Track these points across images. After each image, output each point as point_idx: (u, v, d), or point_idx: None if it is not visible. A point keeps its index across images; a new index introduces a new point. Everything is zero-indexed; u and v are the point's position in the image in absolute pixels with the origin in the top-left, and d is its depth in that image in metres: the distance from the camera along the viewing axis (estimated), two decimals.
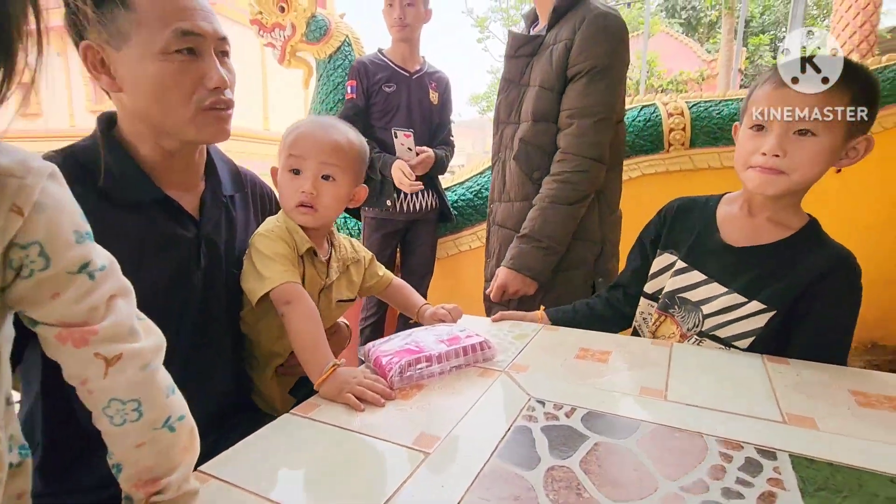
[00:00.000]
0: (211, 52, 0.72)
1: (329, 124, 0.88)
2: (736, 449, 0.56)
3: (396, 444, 0.59)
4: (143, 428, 0.44)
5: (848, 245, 2.43)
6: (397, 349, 0.78)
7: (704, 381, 0.74)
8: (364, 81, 1.91)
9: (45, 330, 0.40)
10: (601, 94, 1.23)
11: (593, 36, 1.21)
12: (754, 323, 0.84)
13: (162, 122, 0.73)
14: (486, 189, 2.33)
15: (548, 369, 0.79)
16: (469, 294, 2.44)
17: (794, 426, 0.60)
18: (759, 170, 0.80)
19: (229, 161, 0.91)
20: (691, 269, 0.92)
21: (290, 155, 0.84)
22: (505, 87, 1.43)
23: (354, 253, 0.99)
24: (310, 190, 0.83)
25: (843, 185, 2.23)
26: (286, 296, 0.78)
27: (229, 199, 0.87)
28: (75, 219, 0.40)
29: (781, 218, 0.86)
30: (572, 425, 0.61)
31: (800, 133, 0.77)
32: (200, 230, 0.79)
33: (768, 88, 0.81)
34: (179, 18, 0.68)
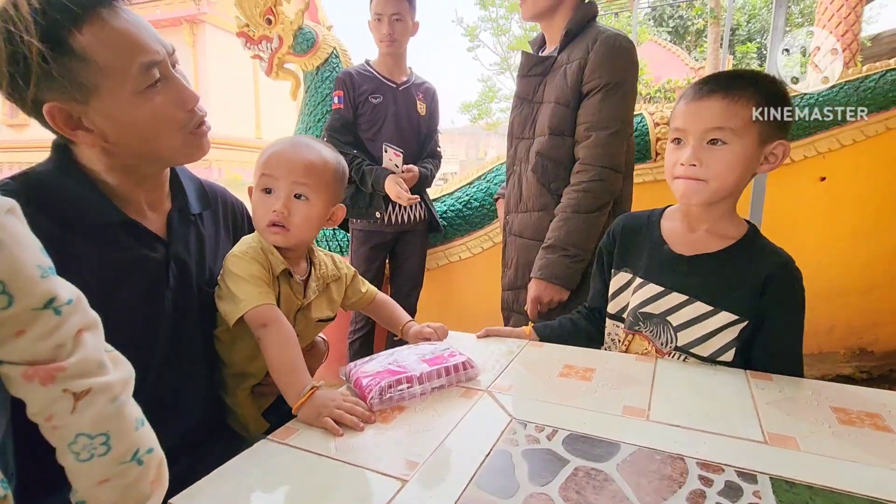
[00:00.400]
0: (172, 72, 0.71)
1: (304, 143, 0.86)
2: (716, 472, 0.55)
3: (374, 471, 0.58)
4: (109, 463, 0.42)
5: (833, 251, 2.45)
6: (378, 370, 0.77)
7: (687, 399, 0.73)
8: (350, 92, 1.91)
9: (9, 369, 0.39)
10: (616, 108, 1.30)
11: (606, 55, 1.29)
12: (728, 335, 0.85)
13: (152, 154, 0.72)
14: (475, 200, 2.33)
15: (531, 388, 0.78)
16: (459, 305, 2.43)
17: (776, 446, 0.60)
18: (683, 179, 0.85)
19: (195, 178, 0.89)
20: (648, 283, 0.93)
21: (262, 174, 0.83)
22: (518, 104, 1.51)
23: (336, 270, 0.97)
24: (281, 209, 0.82)
25: (828, 192, 2.26)
26: (262, 319, 0.76)
27: (197, 216, 0.85)
28: (37, 254, 0.39)
29: (719, 229, 0.90)
30: (553, 448, 0.60)
31: (711, 143, 0.82)
32: (169, 250, 0.77)
33: (682, 104, 0.86)
34: (136, 52, 0.66)
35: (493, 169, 2.38)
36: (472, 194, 2.35)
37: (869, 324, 2.38)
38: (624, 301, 0.98)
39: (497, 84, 12.48)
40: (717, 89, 0.82)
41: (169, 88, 0.70)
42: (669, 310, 0.90)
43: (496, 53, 10.49)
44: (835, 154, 2.20)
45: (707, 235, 0.90)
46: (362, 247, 1.98)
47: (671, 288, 0.90)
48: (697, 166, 0.82)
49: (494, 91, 11.15)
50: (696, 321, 0.87)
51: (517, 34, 10.02)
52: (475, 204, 2.33)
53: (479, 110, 11.24)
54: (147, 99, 0.67)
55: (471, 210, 2.33)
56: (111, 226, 0.71)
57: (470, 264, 2.37)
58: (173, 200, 0.83)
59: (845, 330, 2.39)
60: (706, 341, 0.86)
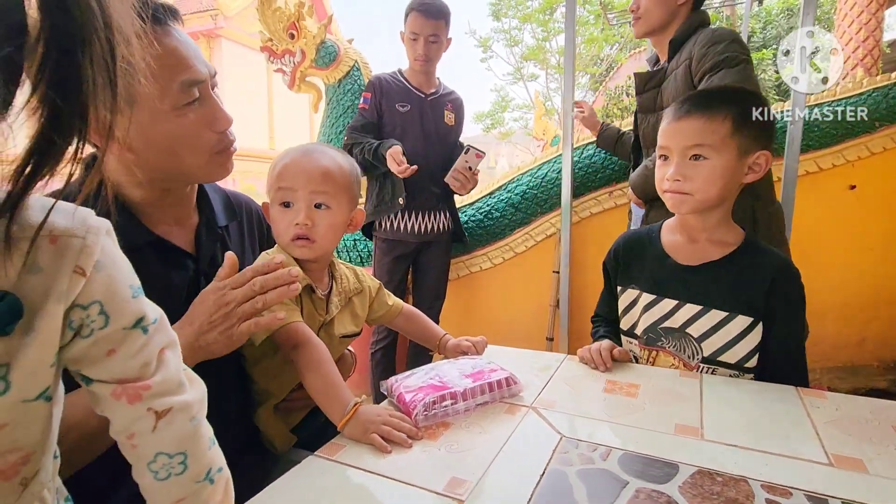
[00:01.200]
0: (210, 93, 0.72)
1: (315, 150, 0.84)
2: (784, 496, 0.53)
3: (427, 489, 0.57)
4: (186, 482, 0.42)
5: (863, 261, 2.40)
6: (421, 385, 0.76)
7: (739, 417, 0.71)
8: (378, 97, 1.91)
9: (100, 388, 0.39)
10: (740, 75, 1.26)
11: (708, 42, 1.31)
12: (752, 339, 0.86)
13: (175, 170, 0.72)
14: (495, 210, 2.32)
15: (576, 405, 0.76)
16: (480, 316, 2.42)
17: (842, 469, 0.58)
18: (670, 193, 0.89)
19: (221, 189, 0.89)
20: (661, 298, 0.94)
21: (279, 188, 0.81)
22: (643, 117, 1.57)
23: (358, 284, 0.95)
24: (304, 221, 0.79)
25: (858, 200, 2.21)
26: (293, 339, 0.75)
27: (224, 229, 0.85)
28: (129, 273, 0.40)
29: (718, 236, 0.92)
30: (609, 469, 0.59)
31: (693, 158, 0.86)
32: (198, 265, 0.77)
33: (665, 124, 0.91)
34: (181, 70, 0.67)
35: (515, 179, 2.38)
36: (492, 204, 2.35)
37: None
38: (634, 318, 0.98)
39: (510, 94, 12.52)
40: (695, 109, 0.86)
41: (205, 109, 0.71)
42: (687, 322, 0.90)
43: (509, 63, 10.53)
44: (864, 162, 2.16)
45: (708, 244, 0.92)
46: (385, 257, 1.97)
47: (684, 300, 0.91)
48: (682, 181, 0.87)
49: (507, 100, 11.18)
50: (715, 329, 0.88)
51: (530, 44, 10.05)
52: (496, 214, 2.32)
53: (492, 120, 11.26)
54: (182, 115, 0.68)
55: (491, 220, 2.32)
56: (141, 245, 0.71)
57: (491, 275, 2.36)
58: (200, 214, 0.82)
59: (877, 342, 2.33)
60: (731, 348, 0.87)
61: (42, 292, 0.33)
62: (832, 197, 2.21)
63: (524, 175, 2.38)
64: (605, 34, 9.05)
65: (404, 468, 0.61)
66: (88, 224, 0.36)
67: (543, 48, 9.82)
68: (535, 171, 2.36)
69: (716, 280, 0.89)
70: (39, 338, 0.33)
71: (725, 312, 0.87)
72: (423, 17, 1.80)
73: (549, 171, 2.32)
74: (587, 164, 2.23)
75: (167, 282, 0.73)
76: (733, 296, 0.88)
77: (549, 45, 9.74)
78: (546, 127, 6.55)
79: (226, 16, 10.90)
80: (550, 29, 9.46)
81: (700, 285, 0.90)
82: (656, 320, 0.94)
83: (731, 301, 0.87)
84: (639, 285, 0.98)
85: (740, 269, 0.89)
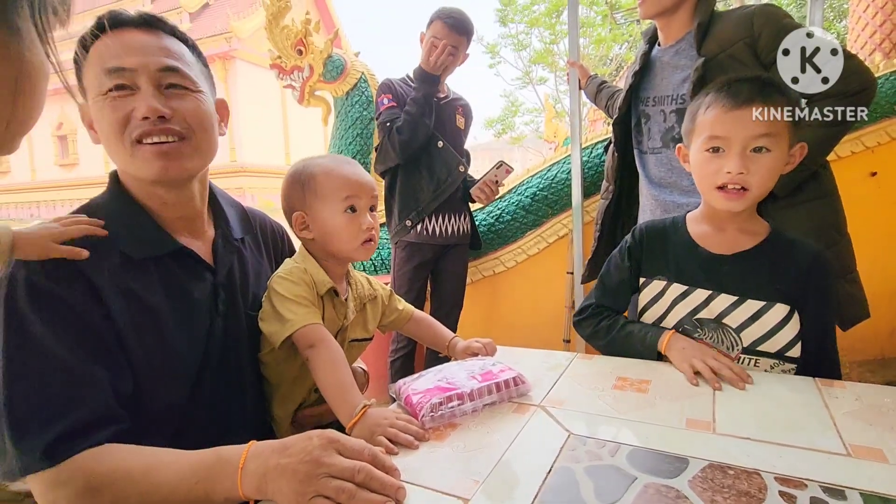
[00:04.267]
0: (148, 85, 0.70)
1: (353, 161, 0.90)
2: (798, 488, 0.52)
3: (433, 489, 0.56)
4: None
5: (887, 250, 2.33)
6: (428, 387, 0.77)
7: (754, 410, 0.69)
8: (395, 98, 1.89)
9: None
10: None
11: (771, 19, 1.25)
12: (793, 328, 0.84)
13: (115, 162, 0.73)
14: (506, 213, 2.32)
15: (586, 402, 0.76)
16: (495, 320, 2.41)
17: (861, 459, 0.56)
18: (727, 189, 0.85)
19: (236, 204, 0.91)
20: (694, 289, 0.91)
21: (347, 196, 0.85)
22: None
23: (371, 290, 0.98)
24: (371, 223, 0.86)
25: (881, 187, 2.14)
26: (310, 339, 0.77)
27: (240, 241, 0.87)
28: None
29: (748, 227, 0.91)
30: (618, 464, 0.58)
31: (755, 150, 0.83)
32: (216, 277, 0.79)
33: (718, 112, 0.85)
34: (111, 57, 0.68)
35: (524, 181, 2.38)
36: (503, 208, 2.34)
37: None
38: (660, 310, 0.96)
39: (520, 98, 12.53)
40: (753, 96, 0.82)
41: (131, 100, 0.69)
42: (723, 312, 0.88)
43: (517, 68, 10.56)
44: (885, 147, 2.10)
45: (738, 234, 0.90)
46: (406, 265, 1.96)
47: (717, 289, 0.88)
48: (745, 174, 0.82)
49: (517, 105, 11.19)
50: (753, 319, 0.86)
51: (537, 48, 10.07)
52: (507, 218, 2.32)
53: (503, 125, 11.28)
54: (106, 100, 0.69)
55: (502, 224, 2.32)
56: (163, 256, 0.73)
57: (505, 278, 2.35)
58: (216, 227, 0.84)
59: None
60: (772, 337, 0.85)
61: None
62: (853, 185, 2.13)
63: (534, 177, 2.37)
64: (613, 34, 9.01)
65: (411, 469, 0.61)
66: None
67: (551, 51, 9.82)
68: (545, 172, 2.35)
69: (751, 269, 0.88)
70: None
71: (762, 302, 0.85)
72: (447, 29, 1.80)
73: (558, 172, 2.31)
74: (597, 164, 2.21)
75: (189, 292, 0.75)
76: (768, 285, 0.86)
77: (556, 47, 9.74)
78: (557, 129, 6.54)
79: (239, 38, 11.21)
80: (557, 32, 9.46)
81: (734, 275, 0.88)
82: (690, 311, 0.91)
83: (768, 290, 0.86)
84: (666, 276, 0.95)
85: (775, 258, 0.87)
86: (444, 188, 1.92)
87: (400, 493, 0.55)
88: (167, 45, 0.73)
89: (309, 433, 0.58)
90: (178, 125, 0.71)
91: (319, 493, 0.53)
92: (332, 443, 0.56)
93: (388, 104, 1.88)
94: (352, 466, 0.55)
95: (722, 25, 1.31)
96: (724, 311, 0.88)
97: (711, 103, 0.86)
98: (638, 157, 1.60)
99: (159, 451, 0.60)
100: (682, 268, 0.93)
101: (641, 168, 1.58)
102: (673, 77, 1.43)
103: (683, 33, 1.40)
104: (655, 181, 1.51)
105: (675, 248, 0.95)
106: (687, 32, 1.38)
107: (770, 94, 0.82)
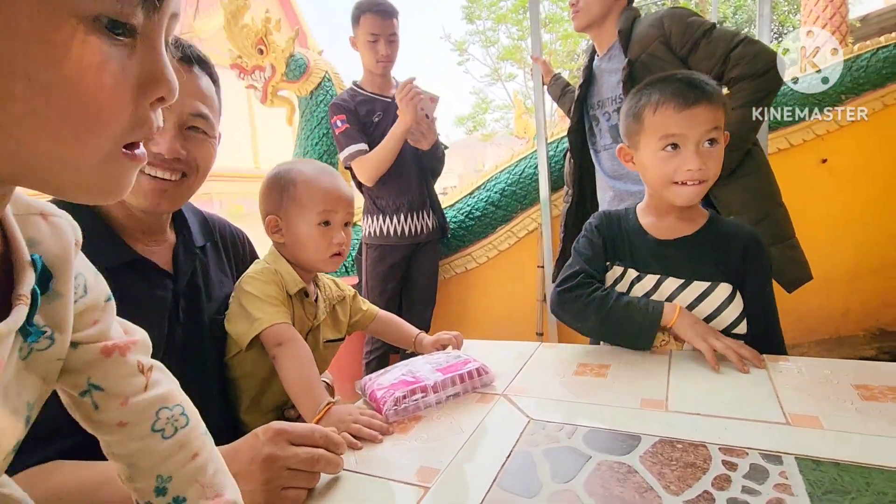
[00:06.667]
0: (172, 125, 0.71)
1: (333, 172, 0.91)
2: (740, 456, 0.54)
3: (396, 480, 0.57)
4: (194, 433, 0.44)
5: (839, 235, 2.45)
6: (393, 381, 0.77)
7: (705, 388, 0.73)
8: (353, 117, 1.87)
9: (89, 350, 0.39)
10: (726, 32, 1.37)
11: (677, 17, 1.40)
12: (737, 306, 0.89)
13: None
14: (476, 210, 2.34)
15: (547, 389, 0.78)
16: (469, 316, 2.43)
17: (799, 427, 0.59)
18: (688, 184, 0.88)
19: (197, 210, 0.90)
20: (646, 273, 0.95)
21: (324, 210, 0.86)
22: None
23: (339, 291, 0.99)
24: (343, 239, 0.87)
25: (832, 174, 2.25)
26: (278, 337, 0.77)
27: (201, 249, 0.85)
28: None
29: (688, 215, 0.96)
30: (574, 446, 0.60)
31: (709, 143, 0.88)
32: (177, 285, 0.77)
33: (671, 112, 0.88)
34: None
35: (493, 177, 2.40)
36: (472, 204, 2.36)
37: (885, 303, 2.34)
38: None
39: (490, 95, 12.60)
40: (700, 95, 0.87)
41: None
42: (673, 294, 0.92)
43: (486, 65, 10.62)
44: (834, 135, 2.20)
45: (679, 221, 0.96)
46: (378, 265, 1.95)
47: (666, 273, 0.93)
48: (703, 169, 0.87)
49: (487, 102, 11.25)
50: (700, 299, 0.90)
51: (506, 44, 10.14)
52: (477, 214, 2.34)
53: (473, 122, 11.33)
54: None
55: (473, 220, 2.34)
56: (121, 266, 0.71)
57: (477, 274, 2.37)
58: (177, 234, 0.83)
59: (861, 312, 2.36)
60: (718, 316, 0.89)
61: (61, 260, 0.36)
62: (805, 172, 2.24)
63: (502, 172, 2.40)
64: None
65: (374, 462, 0.62)
66: (64, 211, 0.39)
67: (520, 47, 9.90)
68: (513, 167, 2.38)
69: (693, 253, 0.92)
70: (65, 300, 0.36)
71: (708, 282, 0.90)
72: (381, 18, 1.81)
73: (526, 167, 2.34)
74: (563, 158, 2.25)
75: (149, 301, 0.73)
76: (711, 266, 0.91)
77: (524, 44, 9.82)
78: (527, 125, 6.60)
79: (200, 38, 10.91)
80: (525, 28, 9.54)
81: (677, 259, 0.93)
82: (644, 295, 0.94)
83: (711, 271, 0.91)
84: (623, 262, 0.99)
85: (713, 241, 0.93)
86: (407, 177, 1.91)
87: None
88: (203, 86, 0.74)
89: (255, 430, 0.58)
90: (186, 165, 0.73)
91: (284, 486, 0.54)
92: (281, 434, 0.56)
93: (343, 126, 1.87)
94: (309, 457, 0.56)
95: (640, 29, 1.46)
96: (673, 293, 0.92)
97: (661, 104, 0.89)
98: (594, 155, 1.72)
99: (110, 466, 0.59)
100: (634, 254, 0.97)
101: (598, 165, 1.70)
102: (610, 80, 1.56)
103: (613, 40, 1.54)
104: (611, 174, 1.64)
105: (628, 235, 0.99)
106: (616, 40, 1.52)
107: (708, 90, 0.88)
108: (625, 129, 0.97)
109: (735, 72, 1.35)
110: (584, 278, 0.95)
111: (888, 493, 0.46)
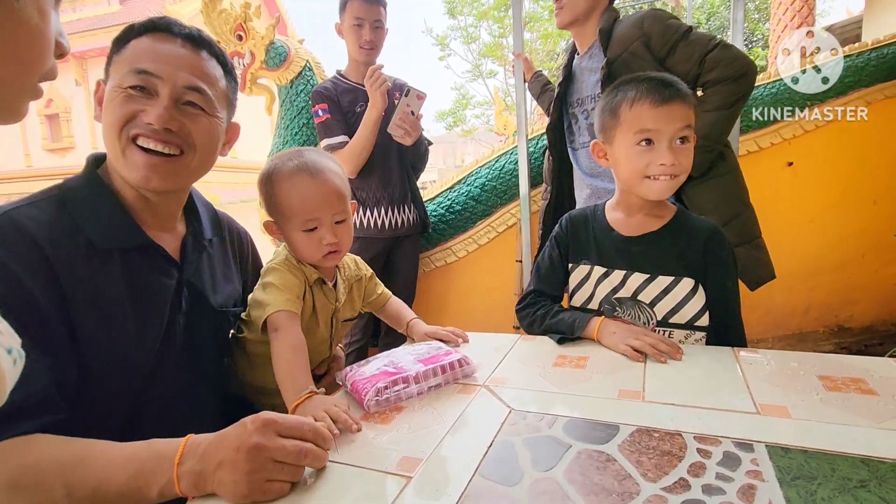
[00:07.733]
0: (167, 97, 0.70)
1: (319, 168, 0.86)
2: (714, 444, 0.56)
3: (378, 470, 0.57)
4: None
5: (802, 232, 2.55)
6: (374, 372, 0.77)
7: (680, 378, 0.75)
8: (336, 107, 1.85)
9: None
10: (703, 36, 1.41)
11: (658, 18, 1.43)
12: (699, 299, 0.92)
13: (108, 153, 0.73)
14: (456, 204, 2.34)
15: (527, 380, 0.79)
16: (448, 309, 2.43)
17: (768, 416, 0.62)
18: (661, 178, 0.90)
19: (208, 204, 0.90)
20: (612, 270, 0.98)
21: (306, 219, 0.84)
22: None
23: (357, 270, 1.02)
24: (332, 240, 0.85)
25: (797, 176, 2.33)
26: (275, 323, 0.79)
27: (208, 241, 0.86)
28: None
29: (655, 212, 0.98)
30: (554, 435, 0.61)
31: (681, 140, 0.90)
32: (182, 275, 0.77)
33: (647, 107, 0.90)
34: (144, 59, 0.70)
35: (473, 172, 2.40)
36: (453, 199, 2.36)
37: (844, 301, 2.45)
38: (587, 292, 1.02)
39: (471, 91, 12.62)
40: (675, 93, 0.90)
41: (143, 102, 0.71)
42: (638, 289, 0.95)
43: (467, 61, 10.62)
44: (800, 139, 2.28)
45: (646, 218, 0.98)
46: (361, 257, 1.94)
47: (631, 269, 0.96)
48: (676, 164, 0.90)
49: (468, 98, 11.27)
50: (664, 293, 0.93)
51: (487, 41, 10.16)
52: (457, 208, 2.34)
53: (454, 118, 11.33)
54: (117, 95, 0.70)
55: (453, 214, 2.34)
56: (132, 248, 0.72)
57: (457, 268, 2.38)
58: (188, 225, 0.83)
59: (822, 309, 2.46)
60: (681, 309, 0.92)
61: None
62: (772, 174, 2.32)
63: (483, 168, 2.40)
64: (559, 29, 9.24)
65: (357, 453, 0.61)
66: None
67: (500, 45, 9.94)
68: (493, 163, 2.39)
69: (657, 248, 0.95)
70: None
71: (671, 277, 0.93)
72: (367, 4, 1.79)
73: (506, 163, 2.36)
74: (543, 155, 2.27)
75: (153, 287, 0.74)
76: (675, 261, 0.93)
77: (505, 41, 9.86)
78: (507, 122, 6.64)
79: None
80: (506, 25, 9.58)
81: (643, 254, 0.96)
82: (609, 291, 0.98)
83: (674, 266, 0.93)
84: (590, 260, 1.02)
85: (677, 236, 0.95)
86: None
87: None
88: (203, 65, 0.74)
89: (243, 420, 0.57)
90: (181, 140, 0.72)
91: (268, 478, 0.53)
92: (269, 425, 0.55)
93: (324, 115, 1.85)
94: (297, 450, 0.55)
95: (621, 29, 1.48)
96: (638, 288, 0.95)
97: (637, 100, 0.91)
98: (572, 154, 1.74)
99: (92, 443, 0.57)
100: (601, 251, 1.00)
101: (575, 162, 1.72)
102: (590, 79, 1.58)
103: (594, 40, 1.55)
104: (588, 172, 1.66)
105: (595, 233, 1.02)
106: (596, 39, 1.53)
107: (682, 87, 0.91)
108: (600, 124, 0.99)
109: (712, 75, 1.38)
110: (534, 298, 1.09)
111: (852, 479, 0.49)
